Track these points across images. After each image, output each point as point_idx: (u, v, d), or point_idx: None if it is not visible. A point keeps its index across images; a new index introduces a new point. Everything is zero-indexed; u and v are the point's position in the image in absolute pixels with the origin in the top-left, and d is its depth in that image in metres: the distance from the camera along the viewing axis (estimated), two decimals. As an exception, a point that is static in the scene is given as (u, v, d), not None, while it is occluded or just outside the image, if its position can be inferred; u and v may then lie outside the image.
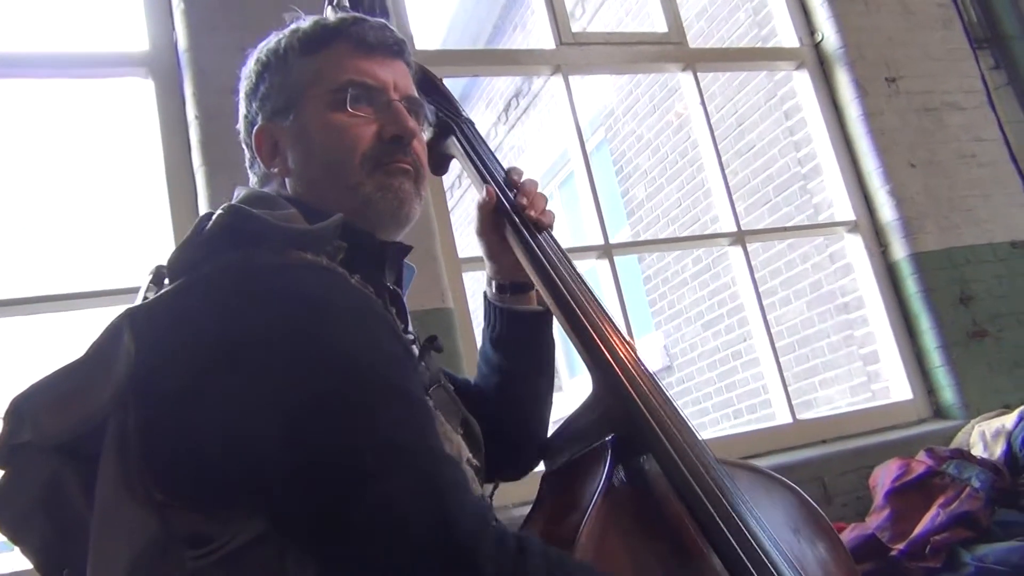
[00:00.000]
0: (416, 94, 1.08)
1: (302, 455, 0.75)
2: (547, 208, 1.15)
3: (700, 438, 1.02)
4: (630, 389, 1.01)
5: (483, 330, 1.20)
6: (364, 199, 0.98)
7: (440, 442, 0.83)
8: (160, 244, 2.25)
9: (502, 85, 6.83)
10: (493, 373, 1.17)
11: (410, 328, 1.05)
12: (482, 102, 7.25)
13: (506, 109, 6.88)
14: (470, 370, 2.35)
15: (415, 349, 1.01)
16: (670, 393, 1.05)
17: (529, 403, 1.16)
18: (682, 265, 4.90)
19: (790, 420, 2.70)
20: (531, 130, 6.51)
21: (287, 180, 1.02)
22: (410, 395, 0.83)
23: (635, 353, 1.06)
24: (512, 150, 6.80)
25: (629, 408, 1.00)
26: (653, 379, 1.04)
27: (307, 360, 0.78)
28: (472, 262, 2.61)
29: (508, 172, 1.18)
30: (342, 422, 0.77)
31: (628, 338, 1.11)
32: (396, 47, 1.05)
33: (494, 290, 1.18)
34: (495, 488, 1.02)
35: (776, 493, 1.11)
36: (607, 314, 1.08)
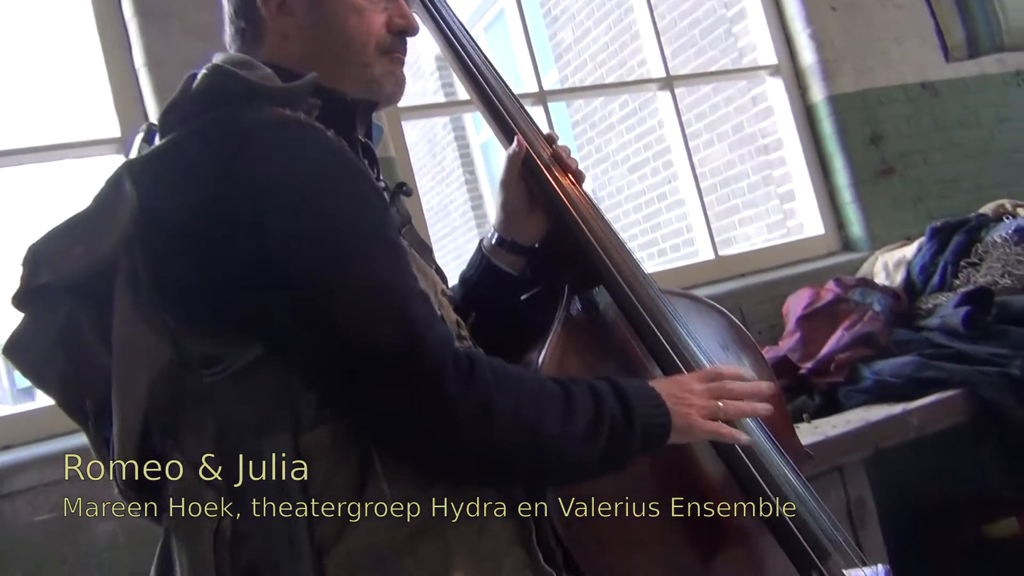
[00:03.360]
0: None
1: (290, 288, 0.86)
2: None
3: (644, 271, 1.16)
4: (585, 230, 1.13)
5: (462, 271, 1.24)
6: (372, 78, 1.07)
7: (413, 279, 0.93)
8: (97, 97, 2.23)
9: (422, -79, 6.55)
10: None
11: (380, 177, 1.14)
12: (402, -61, 6.96)
13: (427, -53, 6.64)
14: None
15: (387, 196, 1.10)
16: (619, 231, 1.18)
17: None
18: (609, 110, 4.97)
19: (712, 256, 2.89)
20: (454, -31, 6.33)
21: (286, 39, 1.06)
22: (385, 236, 0.93)
23: (587, 194, 1.18)
24: (435, -9, 6.61)
25: (584, 247, 1.12)
26: (603, 218, 1.16)
27: (292, 206, 0.87)
28: (411, 111, 2.65)
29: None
30: (325, 259, 0.86)
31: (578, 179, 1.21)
32: None
33: (493, 241, 1.20)
34: (473, 316, 1.14)
35: (708, 316, 1.27)
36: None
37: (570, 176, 1.18)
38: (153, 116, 2.10)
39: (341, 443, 0.88)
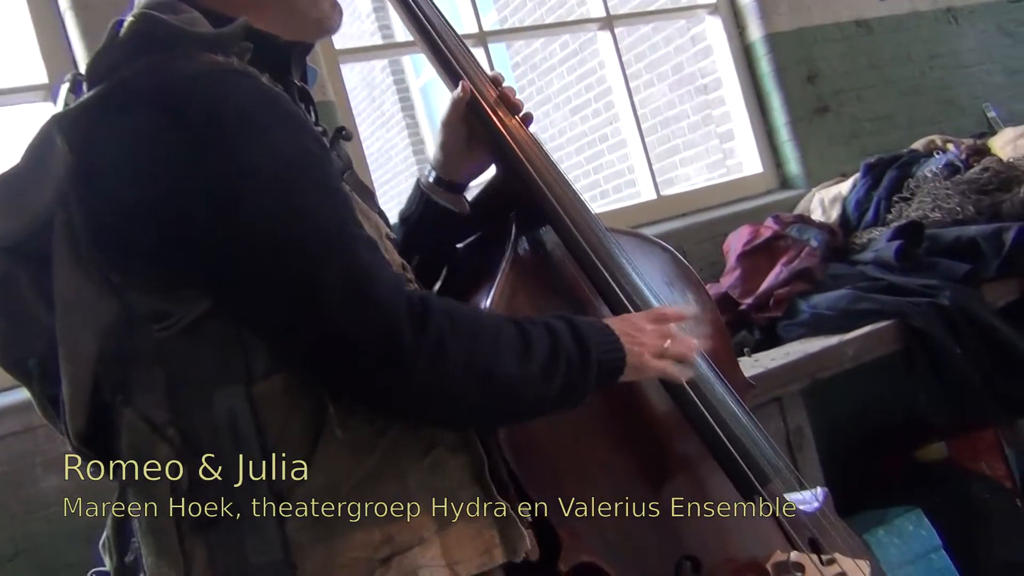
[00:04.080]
0: None
1: (237, 245, 0.84)
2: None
3: (590, 210, 1.17)
4: (532, 171, 1.14)
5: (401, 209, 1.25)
6: (325, 14, 1.04)
7: (359, 226, 0.92)
8: (21, 42, 2.14)
9: None
10: None
11: (319, 121, 1.12)
12: None
13: None
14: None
15: (326, 141, 1.09)
16: (564, 171, 1.19)
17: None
18: (550, 51, 4.93)
19: (654, 196, 2.92)
20: (388, -93, 6.15)
21: None
22: (328, 186, 0.91)
23: (533, 135, 1.18)
24: (369, -71, 6.43)
25: (531, 188, 1.13)
26: (549, 159, 1.17)
27: (231, 160, 0.84)
28: (350, 53, 2.61)
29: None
30: (269, 213, 0.84)
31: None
32: None
33: (431, 180, 1.21)
34: (416, 259, 1.14)
35: (653, 253, 1.30)
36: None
37: (516, 117, 1.18)
38: (81, 62, 2.04)
39: (294, 391, 0.88)
